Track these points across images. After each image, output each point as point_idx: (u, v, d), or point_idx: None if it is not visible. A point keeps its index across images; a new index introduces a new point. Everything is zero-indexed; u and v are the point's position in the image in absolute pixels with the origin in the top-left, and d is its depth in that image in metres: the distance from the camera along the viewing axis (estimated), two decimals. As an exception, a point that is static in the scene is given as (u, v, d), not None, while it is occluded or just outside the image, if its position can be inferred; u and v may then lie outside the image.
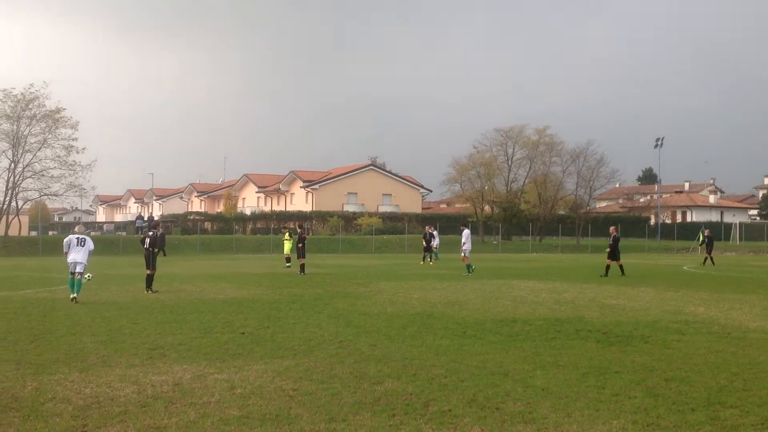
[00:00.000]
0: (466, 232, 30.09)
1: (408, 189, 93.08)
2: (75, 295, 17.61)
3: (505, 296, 18.98)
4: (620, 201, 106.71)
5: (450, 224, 78.05)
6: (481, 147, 76.83)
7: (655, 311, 15.63)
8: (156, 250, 20.61)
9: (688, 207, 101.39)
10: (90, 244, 18.59)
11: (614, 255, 27.59)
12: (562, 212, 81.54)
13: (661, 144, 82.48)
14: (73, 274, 17.93)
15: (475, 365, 9.41)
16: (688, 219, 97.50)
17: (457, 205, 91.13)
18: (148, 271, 20.20)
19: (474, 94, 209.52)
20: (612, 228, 29.21)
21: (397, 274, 29.09)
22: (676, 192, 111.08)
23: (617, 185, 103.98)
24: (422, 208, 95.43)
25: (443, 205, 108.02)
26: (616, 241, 27.77)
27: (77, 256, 18.05)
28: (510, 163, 77.64)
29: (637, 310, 15.77)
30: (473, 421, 6.80)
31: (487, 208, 76.68)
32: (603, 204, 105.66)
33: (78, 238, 18.46)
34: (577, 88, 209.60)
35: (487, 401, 7.53)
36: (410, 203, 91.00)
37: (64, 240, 18.74)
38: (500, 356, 10.08)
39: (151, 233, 21.00)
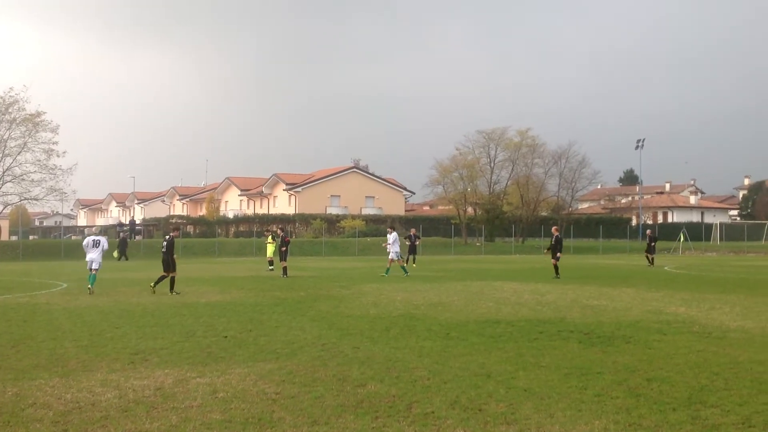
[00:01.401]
0: (394, 234, 30.17)
1: (391, 191, 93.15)
2: (90, 286, 20.68)
3: (487, 298, 19.02)
4: (602, 202, 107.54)
5: (433, 226, 78.29)
6: (464, 149, 77.17)
7: (636, 311, 15.72)
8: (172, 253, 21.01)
9: (669, 208, 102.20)
10: (104, 244, 21.56)
11: (555, 254, 27.65)
12: (544, 213, 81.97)
13: (642, 145, 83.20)
14: (90, 270, 20.97)
15: (458, 367, 9.42)
16: (669, 219, 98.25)
17: (440, 207, 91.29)
18: (163, 274, 20.68)
19: (456, 96, 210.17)
20: (554, 228, 29.39)
21: (380, 276, 29.06)
22: (657, 193, 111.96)
23: (599, 186, 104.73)
24: (405, 210, 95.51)
25: (426, 207, 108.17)
26: (558, 241, 27.88)
27: (92, 255, 21.11)
28: (492, 164, 77.98)
29: (618, 311, 15.86)
30: (456, 423, 6.80)
31: (469, 209, 76.91)
32: (585, 205, 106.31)
33: (93, 240, 21.79)
34: (559, 90, 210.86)
35: (470, 402, 7.54)
36: (393, 205, 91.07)
37: (83, 243, 22.15)
38: (483, 357, 10.10)
39: (168, 237, 21.52)
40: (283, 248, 28.96)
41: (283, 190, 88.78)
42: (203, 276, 29.74)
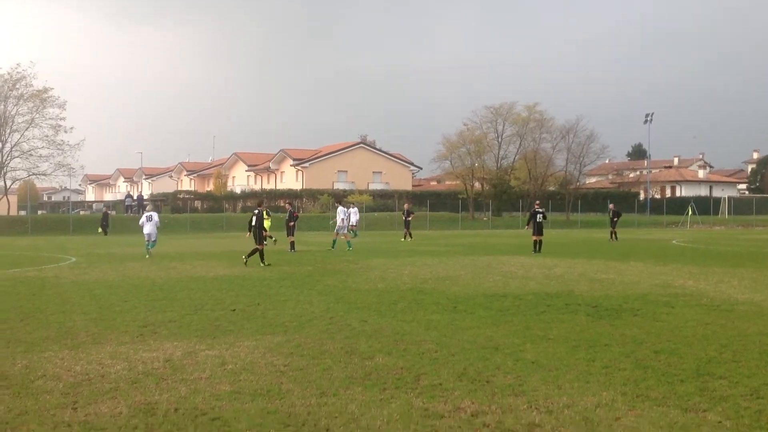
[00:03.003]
0: (341, 209, 30.10)
1: (398, 166, 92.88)
2: (149, 253, 24.73)
3: (495, 271, 19.02)
4: (610, 177, 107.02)
5: (440, 201, 78.18)
6: (471, 124, 76.80)
7: (644, 285, 15.70)
8: (256, 227, 21.71)
9: (677, 182, 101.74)
10: (155, 219, 25.85)
11: (537, 229, 27.67)
12: (552, 188, 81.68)
13: (651, 120, 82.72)
14: (148, 242, 25.23)
15: (465, 339, 9.44)
16: (678, 194, 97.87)
17: (447, 182, 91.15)
18: (256, 247, 21.31)
19: (464, 70, 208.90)
20: (537, 203, 29.53)
21: (388, 250, 29.10)
22: (666, 167, 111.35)
23: (607, 161, 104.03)
24: (413, 186, 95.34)
25: (434, 183, 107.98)
26: (533, 215, 28.04)
27: (149, 229, 25.34)
28: (500, 139, 77.73)
29: (626, 284, 15.84)
30: (464, 394, 6.82)
31: (477, 184, 76.70)
32: (593, 180, 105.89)
33: (147, 216, 25.91)
34: (567, 65, 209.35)
35: (478, 374, 7.56)
36: (400, 181, 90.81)
37: (140, 221, 26.63)
38: (491, 330, 10.11)
39: (256, 211, 22.18)
40: (291, 223, 29.00)
41: (291, 165, 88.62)
42: (211, 251, 29.83)
